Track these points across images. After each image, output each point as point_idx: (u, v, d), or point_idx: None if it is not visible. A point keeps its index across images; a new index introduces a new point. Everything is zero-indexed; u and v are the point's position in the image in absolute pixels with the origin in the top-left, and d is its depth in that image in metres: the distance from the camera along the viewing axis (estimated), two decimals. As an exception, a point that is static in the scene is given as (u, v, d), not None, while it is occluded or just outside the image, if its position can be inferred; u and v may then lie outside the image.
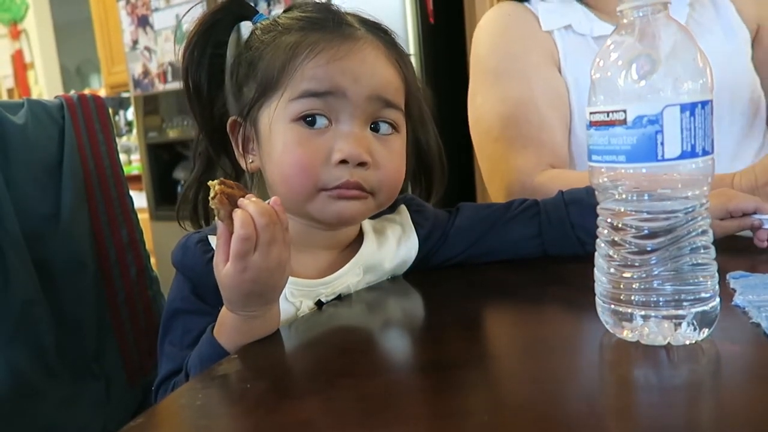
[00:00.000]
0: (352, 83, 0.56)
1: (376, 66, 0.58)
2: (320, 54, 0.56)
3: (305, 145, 0.56)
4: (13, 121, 0.75)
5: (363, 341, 0.54)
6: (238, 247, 0.47)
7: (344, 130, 0.57)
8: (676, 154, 0.39)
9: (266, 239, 0.47)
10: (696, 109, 0.39)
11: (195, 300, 0.59)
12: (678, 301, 0.42)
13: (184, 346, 0.57)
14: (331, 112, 0.57)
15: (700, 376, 0.41)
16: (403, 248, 0.66)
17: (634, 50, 0.41)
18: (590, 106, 0.43)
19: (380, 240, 0.65)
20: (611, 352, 0.45)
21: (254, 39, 0.61)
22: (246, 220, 0.46)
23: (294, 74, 0.56)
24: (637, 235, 0.42)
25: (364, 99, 0.57)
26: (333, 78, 0.56)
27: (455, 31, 1.69)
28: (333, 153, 0.56)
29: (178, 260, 0.60)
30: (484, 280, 0.67)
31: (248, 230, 0.46)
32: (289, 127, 0.57)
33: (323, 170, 0.56)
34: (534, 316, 0.56)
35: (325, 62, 0.56)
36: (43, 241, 0.75)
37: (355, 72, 0.57)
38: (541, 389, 0.40)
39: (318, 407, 0.40)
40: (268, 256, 0.48)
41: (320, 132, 0.57)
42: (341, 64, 0.56)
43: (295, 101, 0.57)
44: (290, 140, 0.57)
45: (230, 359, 0.49)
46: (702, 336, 0.43)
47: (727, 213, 0.67)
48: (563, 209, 0.68)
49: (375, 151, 0.58)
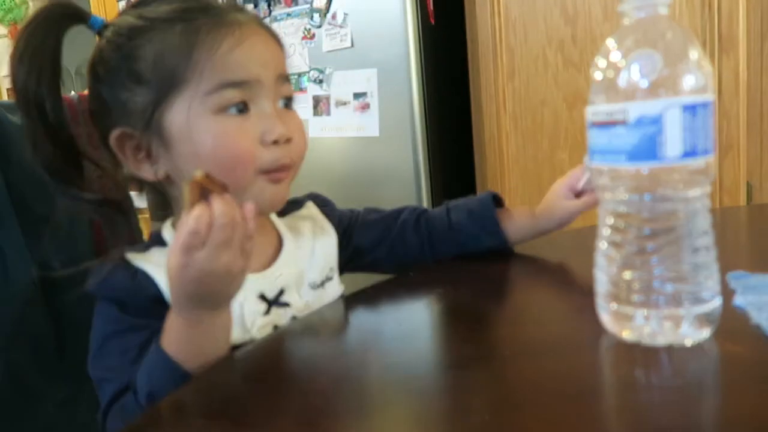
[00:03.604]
0: (263, 67, 0.57)
1: (272, 46, 0.60)
2: (223, 43, 0.55)
3: (239, 133, 0.56)
4: (13, 121, 0.75)
5: (361, 342, 0.54)
6: (185, 239, 0.45)
7: (267, 111, 0.57)
8: (678, 154, 0.39)
9: (217, 240, 0.45)
10: (697, 109, 0.39)
11: (126, 317, 0.56)
12: (678, 302, 0.42)
13: (125, 365, 0.54)
14: (249, 96, 0.56)
15: (700, 377, 0.41)
16: (320, 239, 0.67)
17: (636, 50, 0.40)
18: (591, 106, 0.43)
19: (296, 236, 0.66)
20: (611, 352, 0.45)
21: (113, 44, 0.57)
22: (201, 215, 0.44)
23: (201, 67, 0.54)
24: (638, 235, 0.42)
25: (273, 80, 0.58)
26: (245, 65, 0.56)
27: (455, 32, 1.69)
28: (264, 135, 0.56)
29: (99, 285, 0.57)
30: (482, 278, 0.67)
31: (199, 224, 0.44)
32: (214, 119, 0.55)
33: (260, 153, 0.56)
34: (533, 316, 0.56)
35: (231, 50, 0.55)
36: (43, 243, 0.75)
37: (263, 56, 0.57)
38: (540, 389, 0.40)
39: (322, 399, 0.40)
40: (215, 258, 0.45)
41: (246, 118, 0.56)
42: (248, 51, 0.56)
43: (213, 94, 0.55)
44: (221, 131, 0.55)
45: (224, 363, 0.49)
46: (703, 336, 0.43)
47: (568, 190, 0.67)
48: (445, 215, 0.72)
49: (290, 126, 0.59)
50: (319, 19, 1.77)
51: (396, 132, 1.69)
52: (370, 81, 1.70)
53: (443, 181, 1.72)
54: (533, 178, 1.61)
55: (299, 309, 0.61)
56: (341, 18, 1.73)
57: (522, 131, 1.62)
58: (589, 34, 1.48)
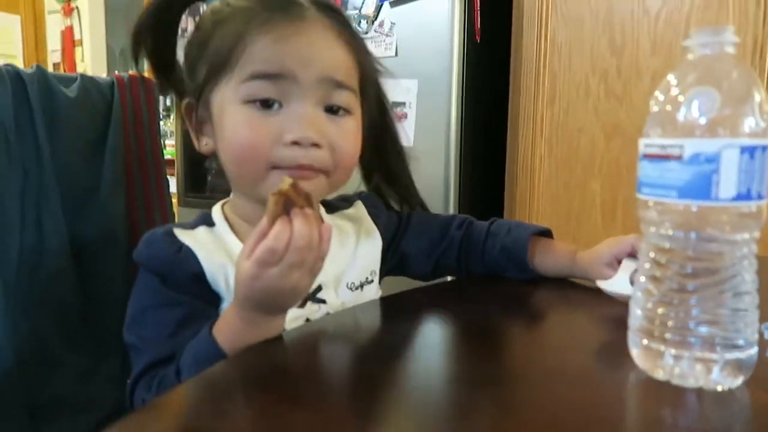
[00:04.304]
0: (301, 65, 0.56)
1: (325, 47, 0.58)
2: (267, 35, 0.55)
3: (256, 127, 0.56)
4: (65, 93, 0.77)
5: (375, 348, 0.54)
6: (262, 254, 0.45)
7: (296, 112, 0.56)
8: (731, 196, 0.38)
9: (291, 261, 0.46)
10: (756, 152, 0.38)
11: (166, 291, 0.57)
12: (712, 345, 0.41)
13: (162, 338, 0.55)
14: (281, 93, 0.56)
15: (729, 424, 0.40)
16: (364, 242, 0.67)
17: (697, 87, 0.40)
18: (645, 138, 0.42)
19: (341, 235, 0.66)
20: (638, 388, 0.44)
21: (204, 19, 0.61)
22: (281, 234, 0.45)
23: (242, 56, 0.56)
24: (679, 272, 0.42)
25: (314, 81, 0.56)
26: (281, 60, 0.55)
27: (500, 52, 1.69)
28: (284, 134, 0.56)
29: (143, 255, 0.59)
30: (511, 298, 0.66)
31: (278, 245, 0.45)
32: (239, 108, 0.56)
33: (275, 150, 0.56)
34: (563, 343, 0.55)
35: (272, 43, 0.55)
36: (80, 213, 0.77)
37: (304, 53, 0.56)
38: (554, 418, 0.39)
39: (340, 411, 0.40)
40: (285, 277, 0.46)
41: (272, 113, 0.56)
42: (289, 46, 0.55)
43: (245, 83, 0.56)
44: (240, 121, 0.56)
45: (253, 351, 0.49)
46: (735, 383, 0.42)
47: (613, 258, 0.65)
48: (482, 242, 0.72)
49: (328, 132, 0.57)
50: (366, 25, 1.79)
51: (430, 145, 1.69)
52: (410, 91, 1.71)
53: (472, 198, 1.72)
54: (563, 205, 1.60)
55: (334, 308, 0.61)
56: (388, 26, 1.74)
57: (556, 157, 1.61)
58: (635, 66, 1.47)
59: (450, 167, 1.67)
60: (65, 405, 0.70)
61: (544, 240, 0.71)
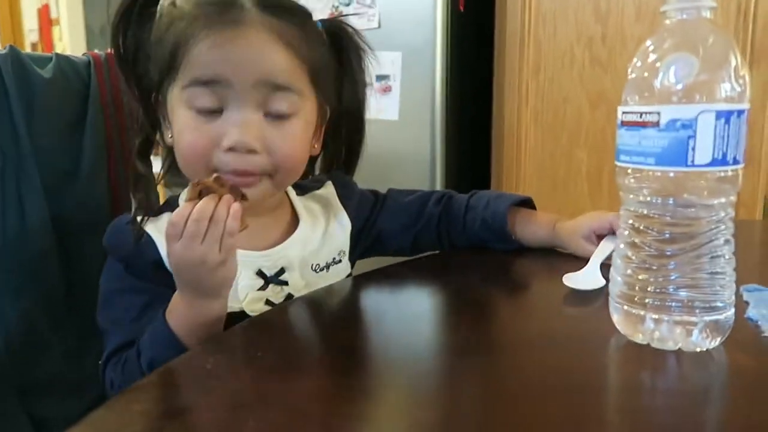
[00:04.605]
0: (236, 70, 0.56)
1: (262, 51, 0.57)
2: (205, 40, 0.56)
3: (196, 132, 0.58)
4: (40, 74, 0.75)
5: (375, 321, 0.55)
6: (166, 229, 0.51)
7: (234, 117, 0.57)
8: (707, 161, 0.39)
9: (189, 232, 0.49)
10: (732, 116, 0.38)
11: (129, 278, 0.60)
12: (691, 308, 0.42)
13: (126, 322, 0.59)
14: (220, 99, 0.57)
15: (707, 384, 0.41)
16: (332, 224, 0.68)
17: (674, 52, 0.40)
18: (623, 106, 0.42)
19: (311, 216, 0.67)
20: (618, 352, 0.45)
21: (161, 19, 0.61)
22: (182, 210, 0.50)
23: (184, 60, 0.57)
24: (657, 238, 0.42)
25: (250, 85, 0.57)
26: (217, 66, 0.56)
27: (484, 21, 1.67)
28: (222, 140, 0.57)
29: (109, 243, 0.62)
30: (494, 267, 0.67)
31: (177, 218, 0.50)
32: (185, 112, 0.58)
33: (214, 155, 0.58)
34: (542, 309, 0.56)
35: (209, 49, 0.56)
36: (61, 195, 0.76)
37: (239, 59, 0.56)
38: (539, 382, 0.40)
39: (328, 382, 0.41)
40: (188, 248, 0.50)
41: (212, 118, 0.57)
42: (225, 51, 0.56)
43: (186, 89, 0.57)
44: (183, 126, 0.58)
45: (238, 329, 0.50)
46: (713, 345, 0.43)
47: (592, 232, 0.65)
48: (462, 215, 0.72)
49: (267, 137, 0.58)
50: (348, -3, 1.76)
51: (416, 117, 1.68)
52: (394, 64, 1.69)
53: (459, 169, 1.71)
54: (549, 173, 1.61)
55: (297, 289, 0.62)
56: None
57: (542, 126, 1.61)
58: (620, 33, 1.46)
59: (436, 139, 1.66)
60: (55, 386, 0.71)
61: (524, 211, 0.71)
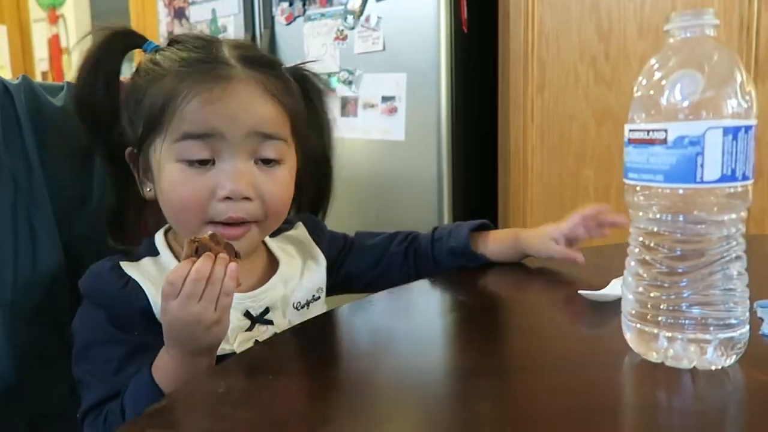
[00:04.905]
0: (229, 124, 0.58)
1: (252, 103, 0.59)
2: (196, 97, 0.58)
3: (190, 185, 0.59)
4: (52, 103, 0.76)
5: (376, 345, 0.54)
6: (164, 288, 0.50)
7: (227, 167, 0.58)
8: (716, 177, 0.39)
9: (187, 292, 0.49)
10: (739, 132, 0.38)
11: (110, 328, 0.59)
12: (705, 326, 0.42)
13: (107, 375, 0.58)
14: (213, 150, 0.58)
15: (724, 402, 0.40)
16: (309, 263, 0.70)
17: (679, 70, 0.40)
18: (630, 123, 0.42)
19: (287, 256, 0.69)
20: (633, 371, 0.44)
21: (141, 73, 0.62)
22: (181, 269, 0.50)
23: (174, 117, 0.58)
24: (668, 255, 0.42)
25: (242, 137, 0.58)
26: (209, 121, 0.58)
27: (488, 42, 1.69)
28: (217, 190, 0.58)
29: (89, 288, 0.61)
30: (504, 288, 0.66)
31: (175, 277, 0.50)
32: (174, 166, 0.59)
33: (209, 206, 0.59)
34: (554, 330, 0.56)
35: (201, 105, 0.58)
36: (72, 223, 0.76)
37: (231, 113, 0.58)
38: (555, 404, 0.40)
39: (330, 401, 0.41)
40: (184, 308, 0.50)
41: (204, 170, 0.59)
42: (216, 107, 0.58)
43: (177, 143, 0.59)
44: (176, 180, 0.59)
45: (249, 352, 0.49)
46: (728, 362, 0.42)
47: (561, 233, 0.69)
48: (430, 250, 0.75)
49: (259, 184, 0.60)
50: (353, 20, 1.78)
51: (422, 138, 1.69)
52: (399, 85, 1.71)
53: (465, 190, 1.72)
54: (556, 193, 1.60)
55: (281, 328, 0.63)
56: (374, 21, 1.74)
57: (548, 146, 1.61)
58: (623, 51, 1.47)
59: (442, 160, 1.67)
60: (65, 413, 0.70)
61: (484, 232, 0.75)
